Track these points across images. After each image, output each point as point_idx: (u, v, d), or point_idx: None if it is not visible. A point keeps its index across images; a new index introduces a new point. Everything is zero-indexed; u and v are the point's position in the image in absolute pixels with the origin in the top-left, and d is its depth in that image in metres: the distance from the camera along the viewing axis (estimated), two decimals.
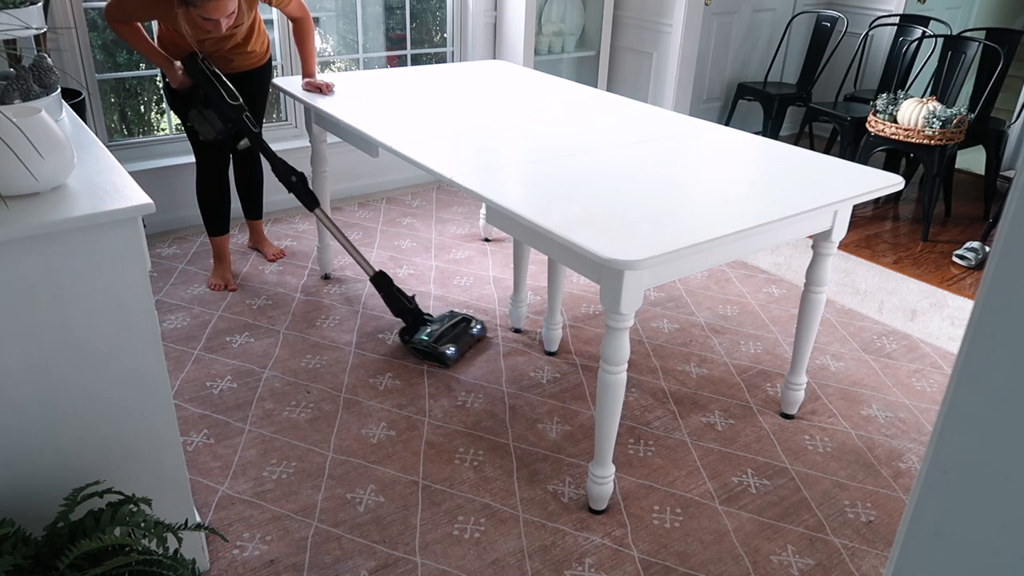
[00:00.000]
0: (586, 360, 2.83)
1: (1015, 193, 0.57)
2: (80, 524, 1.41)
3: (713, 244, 1.77)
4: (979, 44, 4.10)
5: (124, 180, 1.59)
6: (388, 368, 2.74)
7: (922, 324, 3.18)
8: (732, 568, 1.98)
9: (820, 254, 2.27)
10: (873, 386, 2.75)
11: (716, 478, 2.28)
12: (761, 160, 2.29)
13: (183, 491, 1.79)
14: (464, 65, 3.52)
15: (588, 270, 1.82)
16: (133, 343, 1.58)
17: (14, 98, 1.82)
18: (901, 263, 3.73)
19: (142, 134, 3.83)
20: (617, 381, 1.93)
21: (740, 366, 2.84)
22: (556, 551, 2.00)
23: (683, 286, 3.40)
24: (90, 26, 3.44)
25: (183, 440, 2.34)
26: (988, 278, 0.60)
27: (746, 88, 5.07)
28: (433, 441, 2.38)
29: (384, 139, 2.37)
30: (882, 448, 2.44)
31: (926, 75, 4.58)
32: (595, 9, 4.71)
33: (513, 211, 1.86)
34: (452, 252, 3.66)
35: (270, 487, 2.18)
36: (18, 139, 1.42)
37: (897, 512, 2.18)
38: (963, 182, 4.89)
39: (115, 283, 1.51)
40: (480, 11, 4.41)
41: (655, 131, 2.53)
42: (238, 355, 2.78)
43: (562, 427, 2.47)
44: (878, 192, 2.10)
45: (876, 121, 3.97)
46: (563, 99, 2.92)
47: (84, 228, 1.45)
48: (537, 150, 2.31)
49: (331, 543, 2.00)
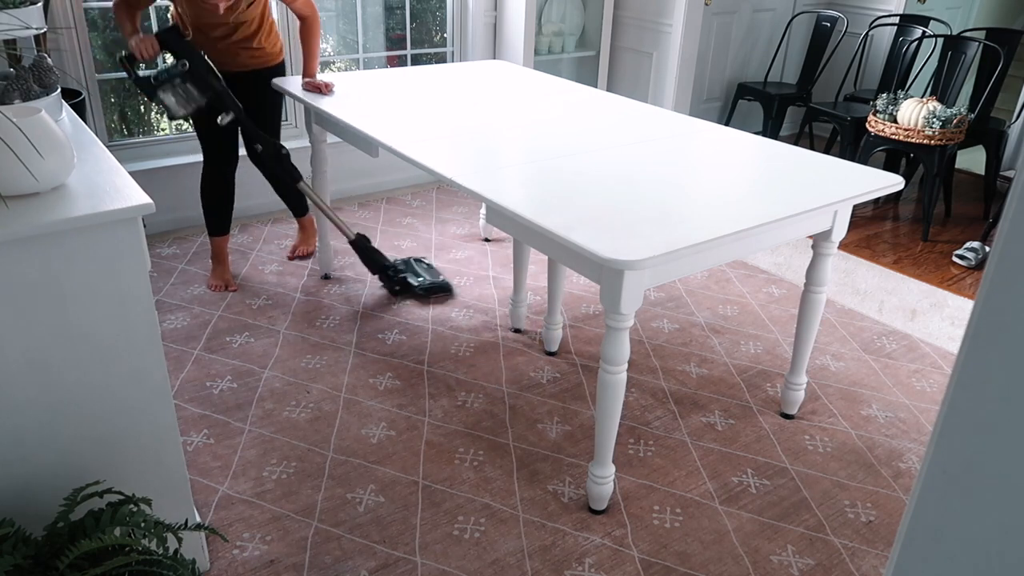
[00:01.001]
0: (586, 360, 2.83)
1: (1015, 193, 0.57)
2: (80, 524, 1.41)
3: (713, 244, 1.77)
4: (979, 44, 4.10)
5: (124, 180, 1.59)
6: (388, 368, 2.74)
7: (922, 324, 3.18)
8: (732, 568, 1.98)
9: (820, 254, 2.27)
10: (873, 386, 2.75)
11: (716, 478, 2.28)
12: (761, 160, 2.29)
13: (183, 491, 1.79)
14: (464, 65, 3.52)
15: (588, 270, 1.82)
16: (133, 343, 1.58)
17: (14, 98, 1.82)
18: (901, 263, 3.73)
19: (142, 134, 3.83)
20: (617, 381, 1.93)
21: (740, 366, 2.84)
22: (556, 551, 2.00)
23: (683, 286, 3.40)
24: (90, 26, 3.44)
25: (183, 440, 2.34)
26: (988, 278, 0.60)
27: (746, 88, 5.07)
28: (433, 441, 2.38)
29: (384, 139, 2.37)
30: (882, 448, 2.44)
31: (926, 75, 4.58)
32: (595, 9, 4.71)
33: (513, 211, 1.86)
34: (452, 252, 3.66)
35: (270, 487, 2.18)
36: (18, 139, 1.42)
37: (897, 512, 2.18)
38: (963, 182, 4.89)
39: (115, 283, 1.51)
40: (480, 11, 4.41)
41: (655, 131, 2.53)
42: (238, 355, 2.78)
43: (562, 427, 2.47)
44: (878, 192, 2.10)
45: (876, 121, 3.97)
46: (563, 99, 2.92)
47: (84, 228, 1.44)
48: (537, 150, 2.31)
49: (331, 543, 2.00)
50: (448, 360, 2.80)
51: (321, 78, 2.97)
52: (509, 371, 2.75)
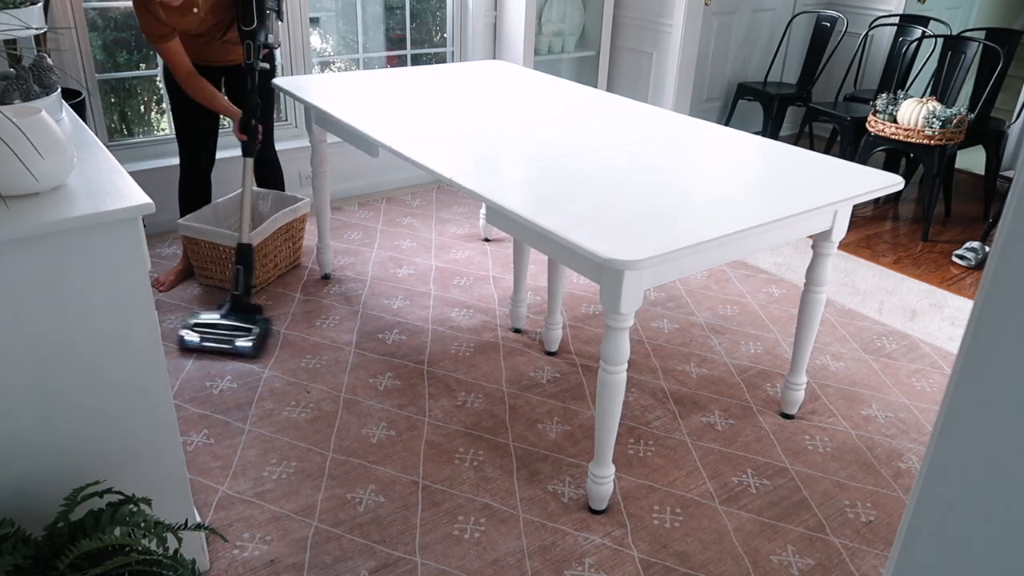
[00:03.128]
0: (586, 360, 2.83)
1: (1015, 193, 0.57)
2: (80, 524, 1.41)
3: (713, 244, 1.77)
4: (979, 44, 4.10)
5: (124, 180, 1.59)
6: (388, 368, 2.74)
7: (922, 324, 3.18)
8: (732, 568, 1.98)
9: (820, 254, 2.27)
10: (873, 386, 2.75)
11: (716, 478, 2.28)
12: (761, 160, 2.29)
13: (183, 491, 1.79)
14: (464, 65, 3.52)
15: (588, 270, 1.82)
16: (133, 343, 1.58)
17: (14, 98, 1.82)
18: (901, 263, 3.73)
19: (142, 134, 3.83)
20: (617, 381, 1.93)
21: (740, 366, 2.84)
22: (556, 551, 2.00)
23: (683, 286, 3.40)
24: (90, 26, 3.44)
25: (183, 440, 2.34)
26: (988, 278, 0.60)
27: (746, 88, 5.07)
28: (433, 441, 2.38)
29: (384, 139, 2.37)
30: (882, 448, 2.44)
31: (926, 75, 4.58)
32: (595, 9, 4.71)
33: (513, 211, 1.86)
34: (452, 252, 3.66)
35: (270, 487, 2.18)
36: (18, 139, 1.42)
37: (897, 512, 2.18)
38: (963, 182, 4.89)
39: (115, 283, 1.51)
40: (480, 11, 4.41)
41: (655, 131, 2.53)
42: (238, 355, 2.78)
43: (562, 427, 2.47)
44: (878, 192, 2.10)
45: (876, 121, 3.97)
46: (563, 99, 2.92)
47: (84, 228, 1.44)
48: (537, 150, 2.31)
49: (331, 543, 2.00)
50: (448, 360, 2.80)
51: (321, 78, 2.97)
52: (509, 371, 2.75)
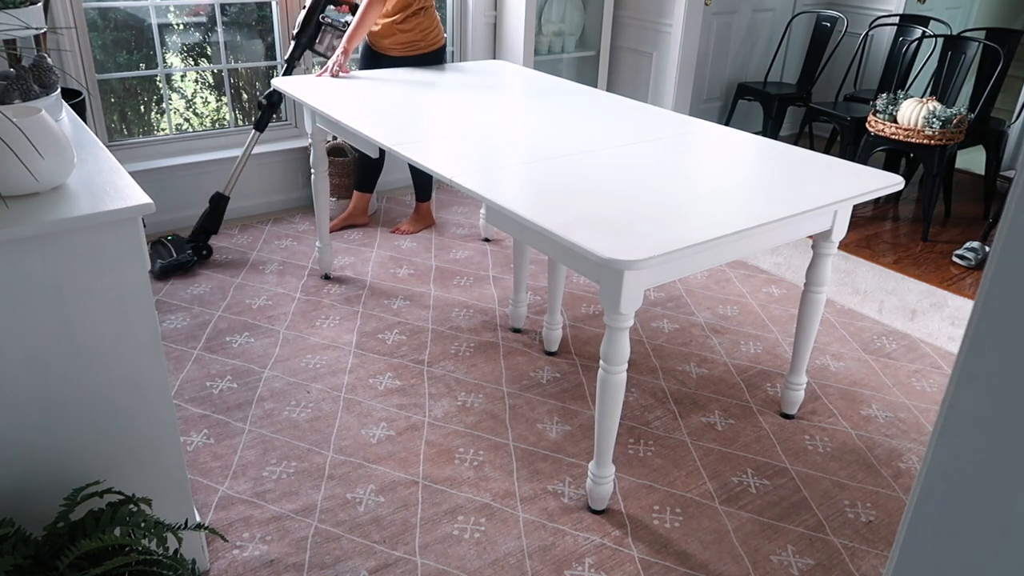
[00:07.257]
0: (586, 360, 2.83)
1: (1015, 193, 0.57)
2: (80, 524, 1.41)
3: (713, 244, 1.77)
4: (979, 44, 4.10)
5: (124, 180, 1.59)
6: (388, 368, 2.74)
7: (922, 324, 3.18)
8: (732, 568, 1.98)
9: (820, 254, 2.27)
10: (873, 386, 2.75)
11: (716, 478, 2.28)
12: (761, 160, 2.29)
13: (183, 491, 1.79)
14: (464, 65, 3.52)
15: (588, 270, 1.82)
16: (133, 343, 1.58)
17: (14, 98, 1.82)
18: (901, 263, 3.73)
19: (142, 134, 3.83)
20: (617, 381, 1.93)
21: (740, 366, 2.84)
22: (556, 551, 2.00)
23: (683, 286, 3.40)
24: (90, 26, 3.44)
25: (183, 440, 2.34)
26: (988, 278, 0.60)
27: (746, 88, 5.07)
28: (433, 441, 2.38)
29: (384, 139, 2.37)
30: (882, 448, 2.44)
31: (926, 75, 4.58)
32: (595, 9, 4.71)
33: (513, 211, 1.86)
34: (452, 252, 3.66)
35: (270, 487, 2.18)
36: (18, 139, 1.42)
37: (897, 512, 2.18)
38: (963, 182, 4.89)
39: (115, 283, 1.51)
40: (480, 11, 4.41)
41: (655, 131, 2.53)
42: (238, 355, 2.78)
43: (562, 427, 2.47)
44: (878, 192, 2.10)
45: (876, 121, 3.97)
46: (563, 99, 2.92)
47: (84, 228, 1.45)
48: (537, 150, 2.31)
49: (331, 543, 2.00)
50: (448, 360, 2.80)
51: (320, 78, 2.97)
52: (509, 371, 2.75)
